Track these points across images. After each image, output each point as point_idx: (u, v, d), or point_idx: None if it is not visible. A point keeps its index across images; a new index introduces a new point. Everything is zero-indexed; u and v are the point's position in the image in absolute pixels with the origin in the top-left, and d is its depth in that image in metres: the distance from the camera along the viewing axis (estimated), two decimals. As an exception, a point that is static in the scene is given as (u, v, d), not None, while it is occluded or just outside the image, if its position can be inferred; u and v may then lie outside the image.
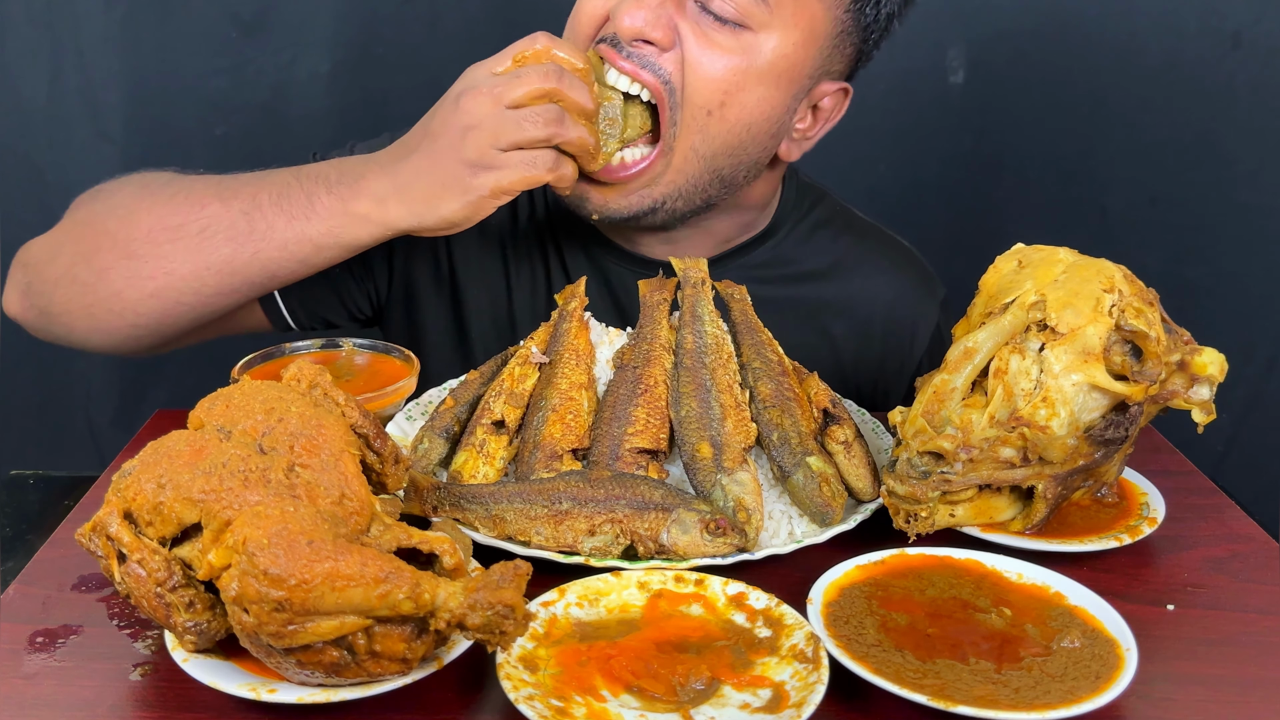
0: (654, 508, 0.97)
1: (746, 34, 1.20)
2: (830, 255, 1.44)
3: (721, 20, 1.19)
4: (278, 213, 1.18)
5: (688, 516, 0.96)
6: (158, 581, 0.80)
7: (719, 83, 1.20)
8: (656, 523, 0.97)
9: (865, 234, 1.47)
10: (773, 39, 1.21)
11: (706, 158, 1.24)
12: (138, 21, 2.09)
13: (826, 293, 1.43)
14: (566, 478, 1.00)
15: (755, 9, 1.19)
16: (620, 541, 0.97)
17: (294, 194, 1.18)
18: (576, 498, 0.98)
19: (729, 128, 1.23)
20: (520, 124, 1.10)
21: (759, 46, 1.21)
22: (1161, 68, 2.08)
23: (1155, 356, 0.96)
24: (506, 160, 1.11)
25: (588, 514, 0.98)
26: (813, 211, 1.46)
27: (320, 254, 1.19)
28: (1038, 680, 0.81)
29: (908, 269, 1.47)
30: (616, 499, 0.98)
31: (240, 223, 1.19)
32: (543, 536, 0.98)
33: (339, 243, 1.18)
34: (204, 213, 1.20)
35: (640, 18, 1.17)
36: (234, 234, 1.19)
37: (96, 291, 1.23)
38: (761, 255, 1.42)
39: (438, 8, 2.08)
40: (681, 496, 0.99)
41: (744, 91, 1.22)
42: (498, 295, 1.43)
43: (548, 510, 0.98)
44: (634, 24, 1.17)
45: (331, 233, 1.17)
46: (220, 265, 1.20)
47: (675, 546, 0.96)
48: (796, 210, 1.45)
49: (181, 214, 1.21)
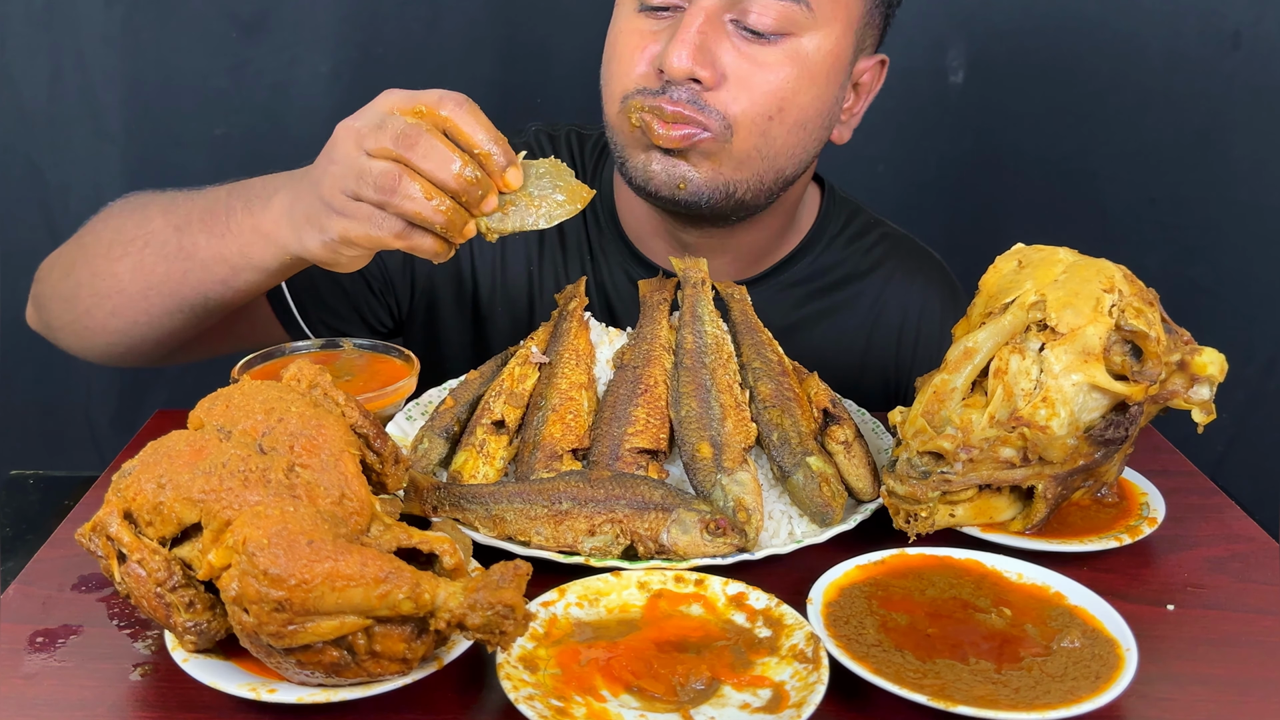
0: (654, 508, 0.97)
1: (790, 40, 1.20)
2: (868, 261, 1.45)
3: (764, 36, 1.19)
4: (201, 229, 1.13)
5: (688, 516, 0.96)
6: (158, 581, 0.80)
7: (772, 98, 1.21)
8: (656, 523, 0.97)
9: (899, 244, 1.49)
10: (816, 38, 1.21)
11: (769, 158, 1.25)
12: (138, 21, 2.09)
13: (864, 297, 1.43)
14: (566, 478, 1.00)
15: (797, 13, 1.19)
16: (620, 541, 0.97)
17: (218, 210, 1.13)
18: (576, 498, 0.98)
19: (787, 130, 1.23)
20: (359, 178, 0.96)
21: (804, 50, 1.21)
22: (1161, 68, 2.08)
23: (1155, 356, 0.96)
24: (356, 210, 0.98)
25: (588, 514, 0.97)
26: (850, 224, 1.47)
27: (238, 275, 1.13)
28: (1038, 680, 0.81)
29: (940, 283, 1.48)
30: (616, 499, 0.98)
31: (172, 240, 1.15)
32: (543, 536, 0.98)
33: (250, 263, 1.11)
34: (148, 228, 1.17)
35: (686, 57, 1.16)
36: (166, 251, 1.15)
37: (75, 308, 1.23)
38: (804, 269, 1.42)
39: (438, 8, 2.08)
40: (681, 496, 0.99)
41: (798, 96, 1.22)
42: (520, 314, 1.42)
43: (548, 510, 0.98)
44: (682, 64, 1.16)
45: (242, 252, 1.11)
46: (158, 283, 1.16)
47: (675, 546, 0.96)
48: (834, 222, 1.46)
49: (130, 230, 1.18)
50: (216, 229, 1.12)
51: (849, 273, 1.44)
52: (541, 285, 1.42)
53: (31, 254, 2.05)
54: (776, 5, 1.18)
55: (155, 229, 1.17)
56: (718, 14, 1.18)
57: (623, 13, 1.25)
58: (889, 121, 2.09)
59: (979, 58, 2.09)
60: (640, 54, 1.22)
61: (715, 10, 1.18)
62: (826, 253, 1.44)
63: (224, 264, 1.13)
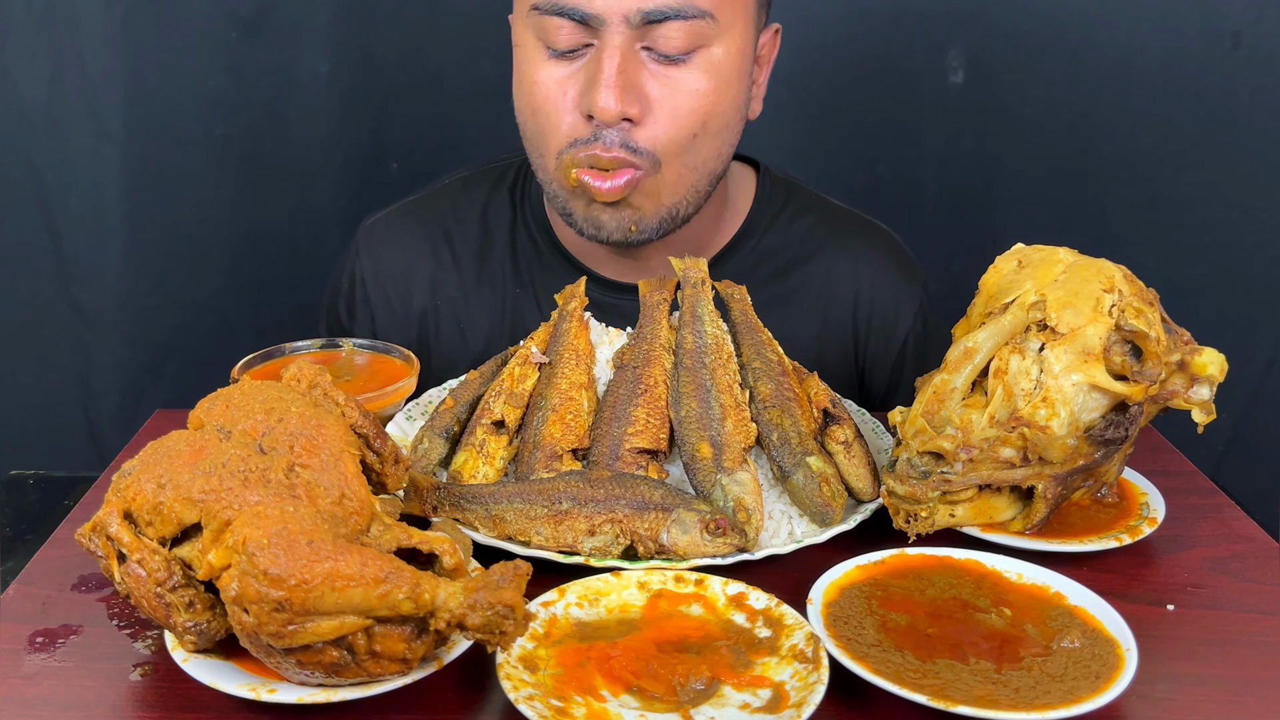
0: (654, 508, 0.97)
1: (701, 53, 1.21)
2: (812, 242, 1.44)
3: (677, 58, 1.20)
4: None
5: (688, 516, 0.96)
6: (158, 581, 0.80)
7: (696, 117, 1.22)
8: (656, 523, 0.97)
9: (840, 219, 1.48)
10: (724, 43, 1.22)
11: (697, 168, 1.26)
12: (138, 21, 2.08)
13: (812, 278, 1.43)
14: (566, 478, 1.00)
15: (703, 27, 1.19)
16: (620, 541, 0.97)
17: None
18: (576, 498, 0.98)
19: (712, 137, 1.25)
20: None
21: (716, 58, 1.22)
22: (1161, 68, 2.08)
23: (1155, 356, 0.96)
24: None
25: (588, 514, 0.98)
26: (789, 203, 1.46)
27: None
28: (1038, 680, 0.81)
29: (888, 252, 1.47)
30: (616, 499, 0.98)
31: None
32: (543, 536, 0.98)
33: None
34: None
35: (614, 100, 1.17)
36: None
37: None
38: (748, 257, 1.42)
39: (437, 8, 2.08)
40: (681, 496, 0.99)
41: (719, 105, 1.23)
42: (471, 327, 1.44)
43: (548, 510, 0.98)
44: (611, 108, 1.17)
45: None
46: None
47: (675, 546, 0.96)
48: (772, 204, 1.45)
49: None
50: None
51: (794, 256, 1.43)
52: (479, 298, 1.43)
53: (32, 254, 2.05)
54: (683, 26, 1.18)
55: None
56: (630, 47, 1.19)
57: (532, 60, 1.24)
58: (889, 121, 2.10)
59: (979, 58, 2.09)
60: (564, 102, 1.22)
61: (627, 44, 1.18)
62: (768, 235, 1.43)
63: None
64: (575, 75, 1.21)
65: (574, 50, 1.21)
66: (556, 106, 1.22)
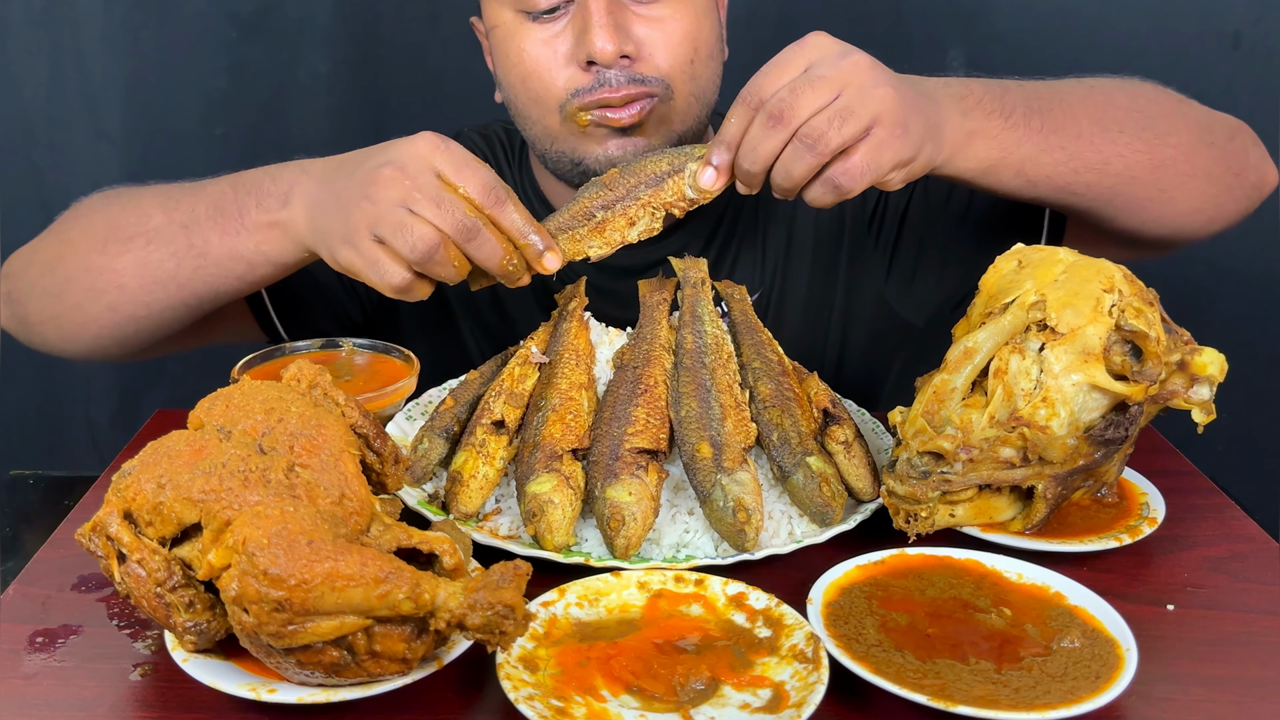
0: (667, 175, 1.09)
1: None
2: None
3: None
4: (212, 226, 1.16)
5: (693, 164, 1.08)
6: (158, 581, 0.80)
7: (686, 44, 1.25)
8: (677, 185, 1.08)
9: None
10: None
11: (700, 96, 1.29)
12: (138, 21, 2.09)
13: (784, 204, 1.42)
14: (587, 192, 1.11)
15: None
16: (658, 216, 1.10)
17: (227, 207, 1.15)
18: (605, 204, 1.10)
19: (704, 64, 1.28)
20: (398, 231, 1.01)
21: None
22: (1161, 68, 2.07)
23: (1155, 356, 0.96)
24: (372, 252, 1.03)
25: (620, 210, 1.10)
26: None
27: (254, 271, 1.17)
28: (1038, 680, 0.81)
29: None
30: (635, 188, 1.10)
31: (180, 237, 1.17)
32: (595, 247, 1.10)
33: (268, 259, 1.15)
34: (149, 225, 1.19)
35: (610, 39, 1.18)
36: (175, 249, 1.18)
37: (62, 302, 1.24)
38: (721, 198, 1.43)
39: (438, 8, 2.08)
40: (683, 151, 1.09)
41: (702, 30, 1.27)
42: (484, 315, 1.43)
43: (588, 227, 1.10)
44: (609, 47, 1.18)
45: (259, 249, 1.15)
46: (166, 279, 1.19)
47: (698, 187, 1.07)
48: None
49: (128, 226, 1.20)
50: (229, 226, 1.15)
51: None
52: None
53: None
54: None
55: (157, 226, 1.18)
56: None
57: (514, 32, 1.25)
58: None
59: (979, 58, 2.09)
60: (556, 59, 1.23)
61: None
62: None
63: (240, 261, 1.16)
64: (562, 33, 1.23)
65: (554, 10, 1.23)
66: (549, 65, 1.24)
